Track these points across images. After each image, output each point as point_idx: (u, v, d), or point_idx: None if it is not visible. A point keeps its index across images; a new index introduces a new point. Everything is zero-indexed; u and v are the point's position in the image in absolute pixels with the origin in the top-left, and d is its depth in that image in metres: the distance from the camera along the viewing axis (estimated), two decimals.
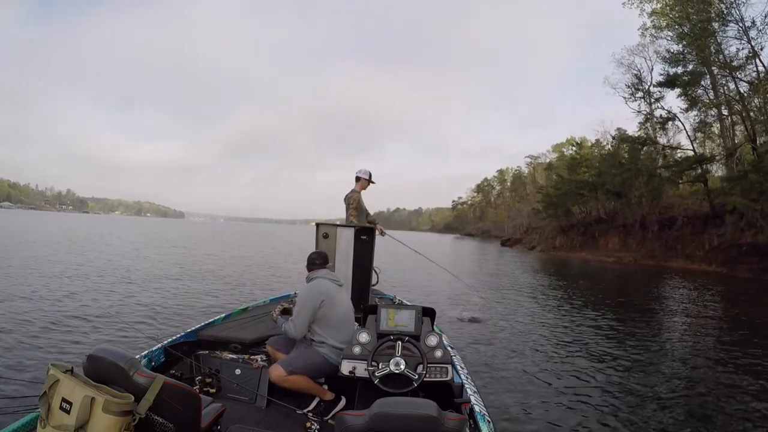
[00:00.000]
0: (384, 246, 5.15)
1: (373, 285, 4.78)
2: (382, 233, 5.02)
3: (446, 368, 2.44)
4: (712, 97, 24.46)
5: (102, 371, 1.69)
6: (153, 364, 2.87)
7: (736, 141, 24.63)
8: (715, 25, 22.24)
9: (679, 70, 24.55)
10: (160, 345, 3.02)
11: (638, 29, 27.74)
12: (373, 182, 5.05)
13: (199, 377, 2.93)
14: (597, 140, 39.72)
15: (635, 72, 29.30)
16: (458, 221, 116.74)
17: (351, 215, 4.82)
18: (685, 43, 23.53)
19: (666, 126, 27.69)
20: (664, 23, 25.81)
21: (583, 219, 36.47)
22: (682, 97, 25.49)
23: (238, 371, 2.98)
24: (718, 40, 22.51)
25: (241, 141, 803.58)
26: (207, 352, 3.22)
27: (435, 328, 2.81)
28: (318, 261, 3.05)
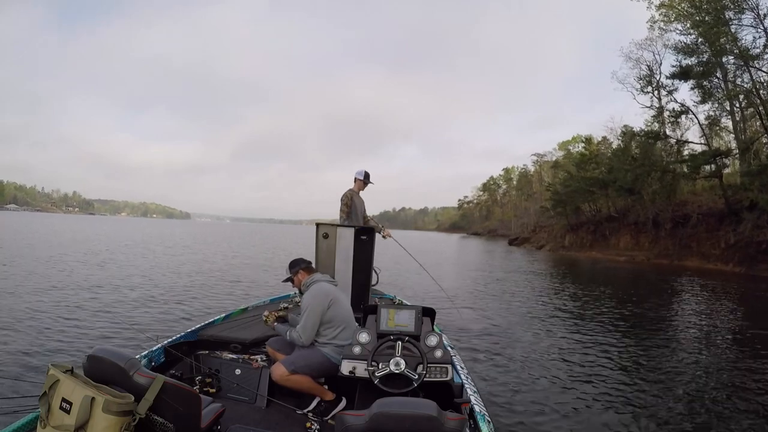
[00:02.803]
0: (384, 247, 5.03)
1: (373, 285, 4.77)
2: (385, 236, 5.13)
3: (446, 368, 2.42)
4: (726, 89, 23.69)
5: (102, 371, 1.69)
6: (153, 364, 2.87)
7: (750, 135, 23.85)
8: (730, 13, 21.50)
9: (693, 60, 23.76)
10: (160, 345, 3.01)
11: (647, 22, 27.10)
12: (371, 183, 5.08)
13: (199, 377, 2.92)
14: (604, 137, 38.90)
15: (647, 64, 28.53)
16: (464, 220, 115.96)
17: (342, 211, 4.88)
18: (698, 32, 22.76)
19: (679, 120, 26.85)
20: (673, 16, 25.22)
21: (593, 217, 35.63)
22: (696, 90, 24.68)
23: (238, 371, 2.97)
24: (732, 30, 21.76)
25: (249, 143, 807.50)
26: (207, 352, 3.20)
27: (435, 328, 2.79)
28: (305, 265, 3.04)
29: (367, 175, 5.02)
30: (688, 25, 24.01)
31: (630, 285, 15.15)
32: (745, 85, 22.46)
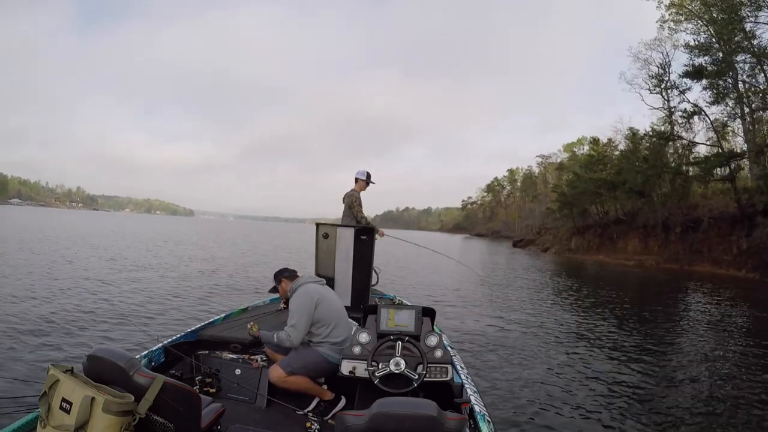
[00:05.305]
0: (387, 247, 4.69)
1: (373, 285, 4.83)
2: (380, 235, 5.23)
3: (446, 368, 2.42)
4: (737, 91, 23.10)
5: (102, 371, 1.69)
6: (153, 364, 2.88)
7: (761, 138, 23.26)
8: (746, 11, 20.96)
9: (706, 60, 23.23)
10: (160, 345, 3.02)
11: (656, 22, 26.59)
12: (372, 183, 5.14)
13: (199, 377, 2.91)
14: (609, 139, 38.28)
15: (659, 62, 27.88)
16: (468, 221, 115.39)
17: (358, 213, 4.90)
18: (712, 29, 22.23)
19: (691, 120, 26.24)
20: (683, 16, 24.79)
21: (601, 219, 34.98)
22: (709, 90, 24.10)
23: (238, 371, 2.97)
24: (746, 29, 21.22)
25: (256, 144, 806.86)
26: (207, 352, 3.19)
27: (435, 328, 2.79)
28: (287, 274, 3.03)
29: (368, 176, 5.08)
30: (700, 24, 23.58)
31: (639, 290, 14.78)
32: (760, 86, 21.91)
